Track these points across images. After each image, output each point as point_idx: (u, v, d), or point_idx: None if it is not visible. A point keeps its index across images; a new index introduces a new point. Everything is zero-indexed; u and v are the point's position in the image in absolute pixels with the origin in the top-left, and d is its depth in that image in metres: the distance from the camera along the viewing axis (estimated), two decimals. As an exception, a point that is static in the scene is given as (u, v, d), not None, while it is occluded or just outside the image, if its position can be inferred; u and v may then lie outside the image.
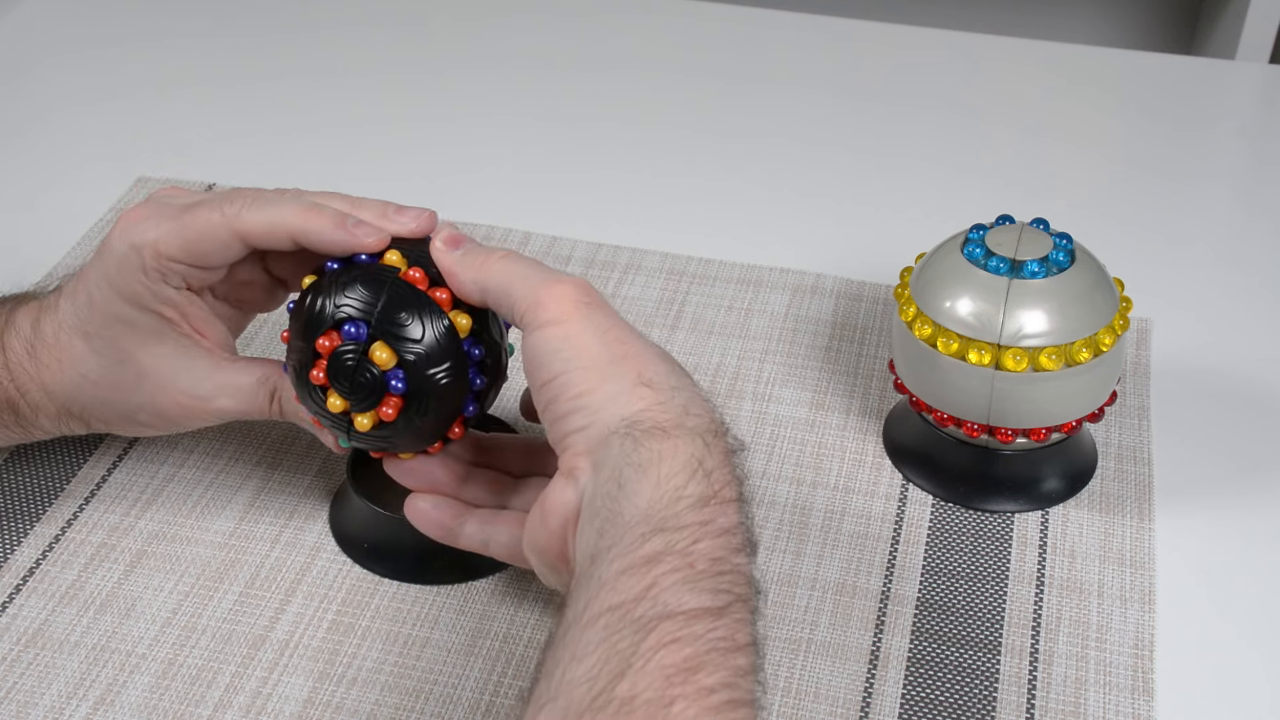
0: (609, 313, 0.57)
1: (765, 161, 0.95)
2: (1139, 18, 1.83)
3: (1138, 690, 0.62)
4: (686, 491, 0.52)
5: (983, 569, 0.67)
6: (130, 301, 0.62)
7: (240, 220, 0.60)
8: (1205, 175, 0.95)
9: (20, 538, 0.68)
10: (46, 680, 0.62)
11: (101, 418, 0.66)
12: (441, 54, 1.06)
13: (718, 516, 0.52)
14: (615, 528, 0.52)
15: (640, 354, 0.56)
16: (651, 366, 0.56)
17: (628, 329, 0.57)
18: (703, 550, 0.50)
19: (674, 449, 0.53)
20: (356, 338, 0.58)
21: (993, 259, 0.66)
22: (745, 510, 0.54)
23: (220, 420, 0.66)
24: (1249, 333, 0.81)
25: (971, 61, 1.06)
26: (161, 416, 0.65)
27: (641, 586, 0.49)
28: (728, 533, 0.52)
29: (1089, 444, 0.72)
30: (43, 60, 1.06)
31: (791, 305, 0.82)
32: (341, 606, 0.65)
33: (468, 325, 0.59)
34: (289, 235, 0.60)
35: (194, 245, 0.61)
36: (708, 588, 0.49)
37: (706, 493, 0.52)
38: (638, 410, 0.54)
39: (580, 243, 0.86)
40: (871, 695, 0.62)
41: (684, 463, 0.53)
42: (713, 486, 0.53)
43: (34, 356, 0.64)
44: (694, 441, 0.54)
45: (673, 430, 0.54)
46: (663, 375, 0.56)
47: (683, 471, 0.53)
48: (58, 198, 0.90)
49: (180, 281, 0.62)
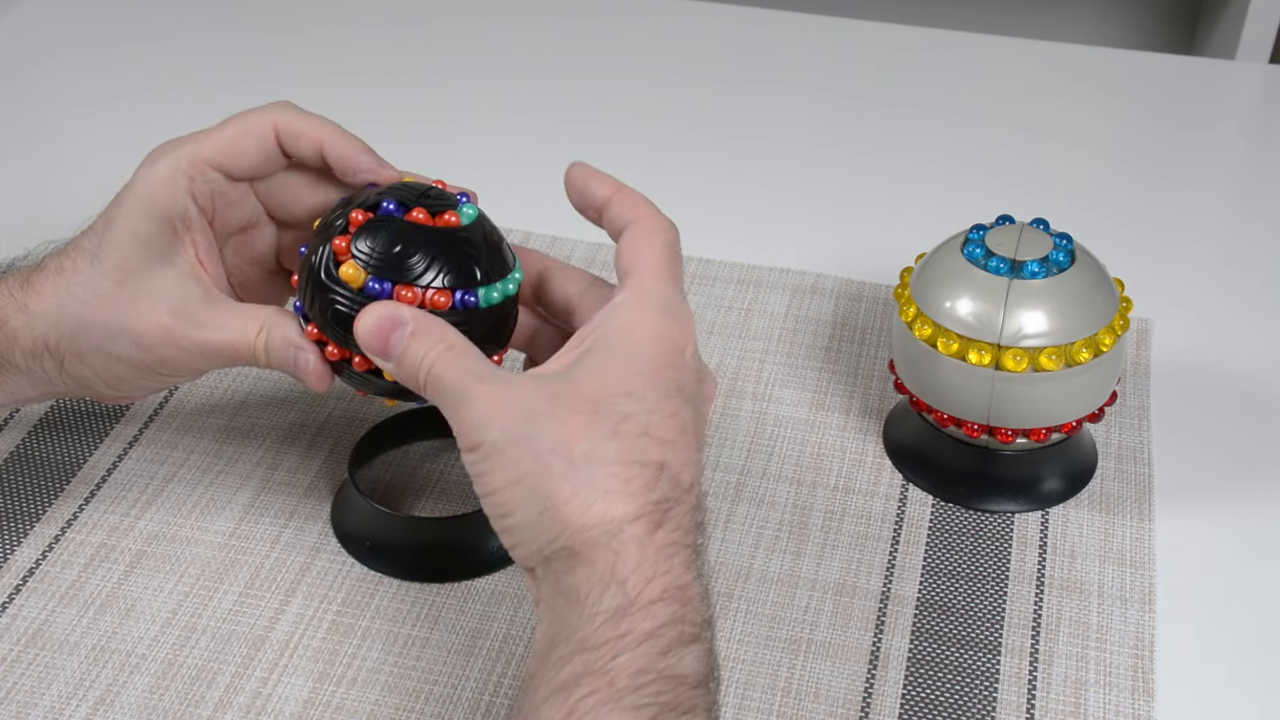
0: (508, 411, 0.53)
1: (765, 161, 0.95)
2: (1139, 18, 1.83)
3: (1138, 690, 0.62)
4: (602, 606, 0.50)
5: (983, 569, 0.67)
6: (149, 213, 0.62)
7: (281, 114, 0.63)
8: (1205, 175, 0.95)
9: (20, 538, 0.68)
10: (46, 680, 0.62)
11: (76, 350, 0.63)
12: (441, 54, 1.06)
13: (638, 623, 0.49)
14: (540, 652, 0.51)
15: (556, 445, 0.52)
16: (565, 456, 0.52)
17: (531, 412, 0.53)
18: (622, 665, 0.49)
19: (588, 569, 0.51)
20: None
21: (993, 259, 0.66)
22: (684, 592, 0.51)
23: (199, 362, 0.63)
24: (1249, 333, 0.81)
25: (971, 61, 1.06)
26: (142, 345, 0.62)
27: (561, 715, 0.48)
28: (651, 637, 0.49)
29: (1089, 444, 0.72)
30: (43, 60, 1.06)
31: (791, 305, 0.82)
32: (341, 607, 0.65)
33: None
34: (318, 144, 0.63)
35: (233, 144, 0.62)
36: (629, 704, 0.48)
37: (622, 602, 0.50)
38: (548, 542, 0.52)
39: (580, 243, 0.86)
40: (871, 695, 0.62)
41: (599, 577, 0.50)
42: (629, 593, 0.50)
43: (27, 285, 0.63)
44: (604, 552, 0.51)
45: (583, 549, 0.51)
46: (559, 478, 0.52)
47: (598, 586, 0.50)
48: (58, 198, 0.90)
49: (208, 197, 0.63)
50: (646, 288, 0.56)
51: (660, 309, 0.55)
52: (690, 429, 0.54)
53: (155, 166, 0.62)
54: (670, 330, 0.55)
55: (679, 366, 0.55)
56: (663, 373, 0.54)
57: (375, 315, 0.56)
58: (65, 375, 0.64)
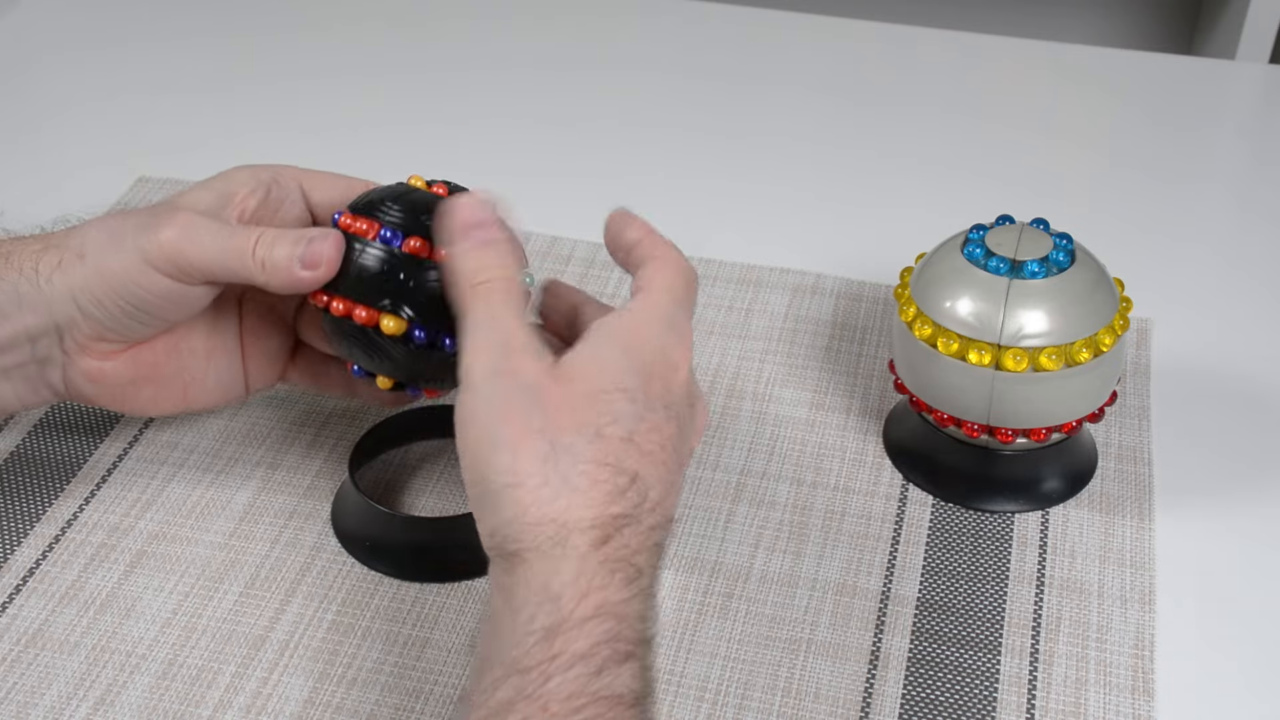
0: (514, 373, 0.53)
1: (765, 161, 0.95)
2: (1139, 18, 1.83)
3: (1138, 690, 0.62)
4: (535, 625, 0.49)
5: (983, 569, 0.67)
6: (214, 186, 0.65)
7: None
8: (1205, 175, 0.95)
9: (20, 538, 0.68)
10: (47, 680, 0.62)
11: (80, 248, 0.62)
12: (441, 54, 1.06)
13: (571, 643, 0.49)
14: (476, 668, 0.51)
15: (522, 432, 0.52)
16: (530, 447, 0.51)
17: (530, 385, 0.53)
18: (554, 690, 0.48)
19: (526, 575, 0.50)
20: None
21: (993, 259, 0.66)
22: (620, 608, 0.50)
23: (196, 269, 0.62)
24: (1249, 333, 0.81)
25: (971, 61, 1.06)
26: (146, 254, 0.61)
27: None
28: (584, 658, 0.49)
29: (1089, 444, 0.72)
30: (43, 60, 1.06)
31: (791, 305, 0.82)
32: (341, 607, 0.65)
33: None
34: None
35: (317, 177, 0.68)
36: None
37: (555, 620, 0.49)
38: (503, 522, 0.51)
39: (580, 243, 0.86)
40: (871, 695, 0.62)
41: (535, 590, 0.50)
42: (562, 610, 0.49)
43: (47, 237, 0.64)
44: (545, 560, 0.50)
45: (526, 551, 0.50)
46: (538, 459, 0.51)
47: (532, 600, 0.50)
48: (58, 198, 0.90)
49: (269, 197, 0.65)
50: (656, 300, 0.56)
51: (664, 322, 0.56)
52: (671, 448, 0.54)
53: (240, 169, 0.66)
54: (670, 344, 0.55)
55: (672, 382, 0.55)
56: (655, 382, 0.54)
57: (476, 199, 0.58)
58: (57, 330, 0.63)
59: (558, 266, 0.85)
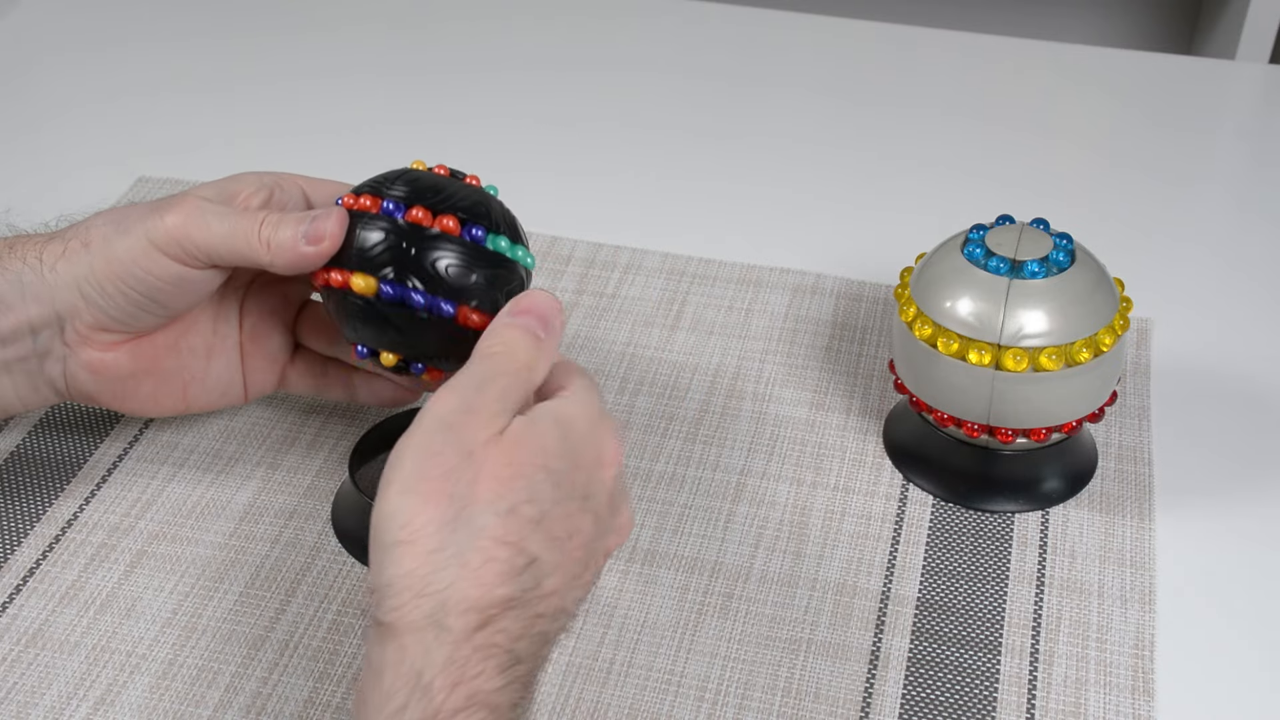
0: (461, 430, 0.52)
1: (765, 161, 0.95)
2: (1139, 18, 1.83)
3: (1138, 690, 0.62)
4: (406, 717, 0.47)
5: (983, 569, 0.67)
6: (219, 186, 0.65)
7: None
8: (1205, 175, 0.95)
9: (20, 538, 0.68)
10: (47, 680, 0.62)
11: (85, 236, 0.63)
12: (441, 54, 1.06)
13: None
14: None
15: (437, 491, 0.50)
16: (437, 508, 0.50)
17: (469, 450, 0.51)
18: None
19: (399, 655, 0.48)
20: None
21: (993, 259, 0.66)
22: (492, 698, 0.48)
23: (202, 252, 0.62)
24: (1249, 333, 0.81)
25: (971, 61, 1.06)
26: (152, 237, 0.62)
27: None
28: None
29: (1089, 444, 0.72)
30: (43, 60, 1.06)
31: (791, 305, 0.82)
32: (342, 606, 0.65)
33: None
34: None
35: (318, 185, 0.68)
36: None
37: (427, 713, 0.47)
38: (385, 583, 0.49)
39: (580, 243, 0.87)
40: (871, 695, 0.62)
41: (406, 677, 0.48)
42: (434, 702, 0.47)
43: (52, 232, 0.64)
44: (419, 641, 0.48)
45: (401, 625, 0.48)
46: (439, 522, 0.50)
47: (403, 689, 0.48)
48: (58, 198, 0.90)
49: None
50: (590, 395, 0.56)
51: (598, 415, 0.55)
52: (580, 541, 0.53)
53: (244, 173, 0.66)
54: (603, 440, 0.55)
55: (594, 477, 0.54)
56: (579, 472, 0.53)
57: (555, 302, 0.57)
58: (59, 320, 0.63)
59: (558, 266, 0.85)
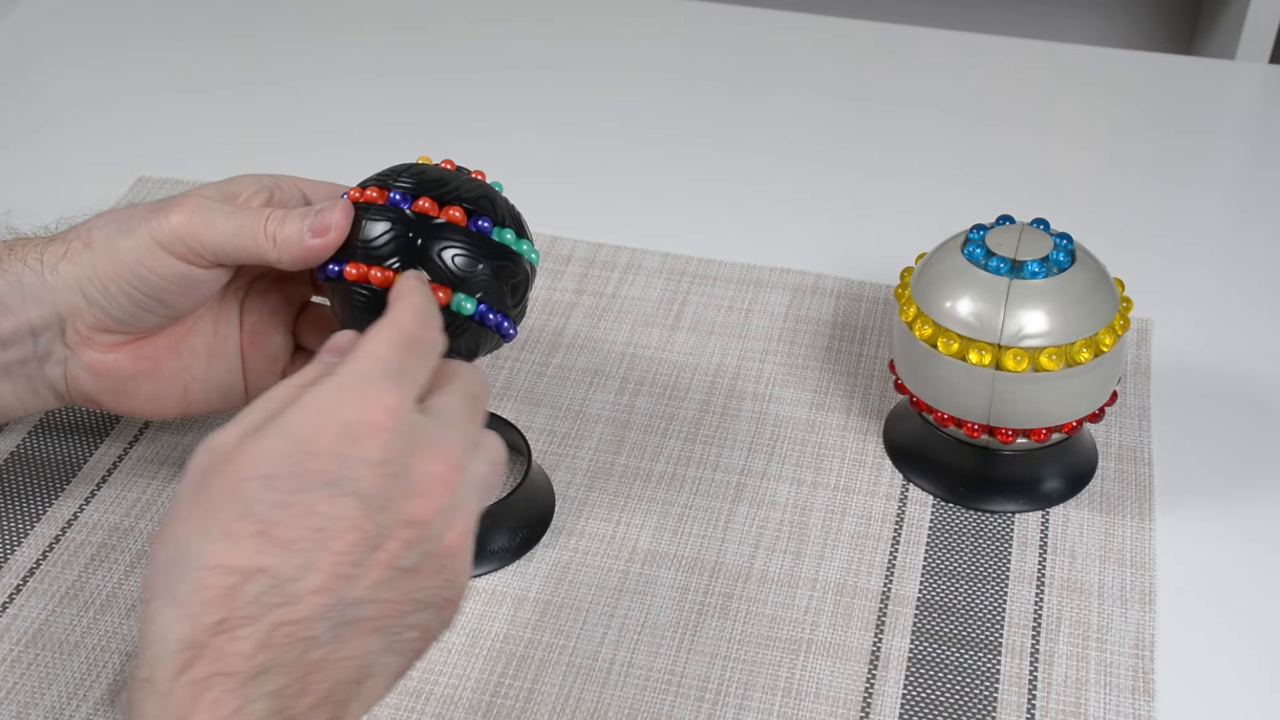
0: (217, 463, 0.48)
1: (765, 161, 0.95)
2: (1139, 18, 1.83)
3: (1138, 690, 0.62)
4: None
5: (983, 569, 0.67)
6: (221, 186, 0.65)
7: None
8: (1205, 175, 0.96)
9: (21, 538, 0.68)
10: (47, 680, 0.62)
11: (88, 237, 0.62)
12: (441, 54, 1.06)
13: None
14: None
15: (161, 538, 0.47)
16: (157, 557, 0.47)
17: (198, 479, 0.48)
18: None
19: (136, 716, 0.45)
20: None
21: (993, 259, 0.66)
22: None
23: (208, 249, 0.61)
24: (1249, 333, 0.81)
25: (971, 61, 1.06)
26: (157, 236, 0.61)
27: None
28: None
29: (1089, 444, 0.72)
30: (43, 60, 1.06)
31: (791, 305, 0.82)
32: (342, 606, 0.65)
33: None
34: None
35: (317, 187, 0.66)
36: None
37: None
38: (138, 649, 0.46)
39: (580, 243, 0.87)
40: (871, 695, 0.62)
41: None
42: None
43: (54, 234, 0.64)
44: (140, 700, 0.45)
45: (133, 688, 0.46)
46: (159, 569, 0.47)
47: None
48: (58, 198, 0.90)
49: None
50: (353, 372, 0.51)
51: (360, 381, 0.50)
52: (344, 528, 0.47)
53: (244, 175, 0.65)
54: (354, 407, 0.49)
55: (343, 456, 0.48)
56: (312, 460, 0.47)
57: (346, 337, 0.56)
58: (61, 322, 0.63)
59: (558, 266, 0.85)
